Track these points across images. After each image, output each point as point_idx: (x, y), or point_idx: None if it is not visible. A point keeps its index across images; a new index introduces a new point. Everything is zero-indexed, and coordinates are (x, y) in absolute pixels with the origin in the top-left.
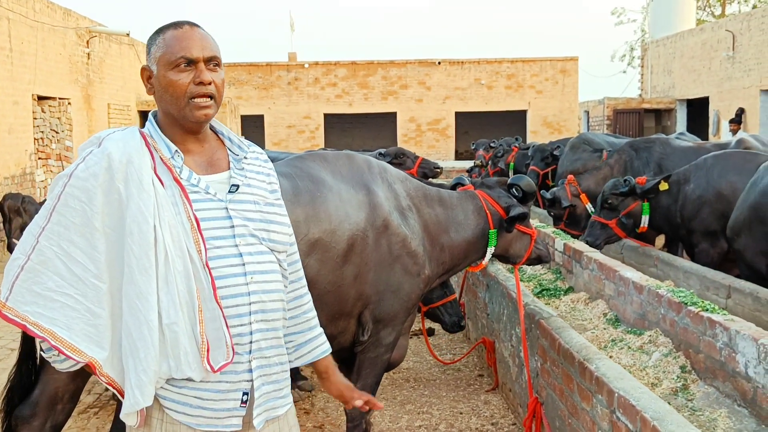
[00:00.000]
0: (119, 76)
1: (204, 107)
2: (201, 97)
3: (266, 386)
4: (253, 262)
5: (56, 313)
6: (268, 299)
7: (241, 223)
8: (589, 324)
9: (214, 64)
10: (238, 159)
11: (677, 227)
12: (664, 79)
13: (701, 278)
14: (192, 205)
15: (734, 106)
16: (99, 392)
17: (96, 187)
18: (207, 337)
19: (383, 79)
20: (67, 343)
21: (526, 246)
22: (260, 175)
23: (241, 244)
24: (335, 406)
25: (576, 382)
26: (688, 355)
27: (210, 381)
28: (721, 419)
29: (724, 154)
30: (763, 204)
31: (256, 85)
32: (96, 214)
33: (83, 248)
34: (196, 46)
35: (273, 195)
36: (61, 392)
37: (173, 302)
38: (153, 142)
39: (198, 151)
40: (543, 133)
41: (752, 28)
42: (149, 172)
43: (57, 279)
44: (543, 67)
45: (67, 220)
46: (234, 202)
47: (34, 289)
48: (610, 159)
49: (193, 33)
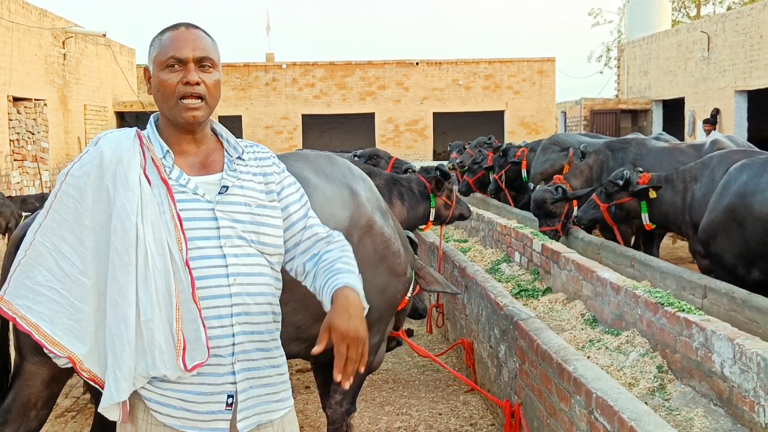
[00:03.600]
0: (96, 77)
1: (192, 108)
2: (189, 97)
3: (255, 389)
4: (237, 264)
5: (43, 306)
6: (253, 302)
7: (228, 224)
8: (567, 324)
9: (207, 65)
10: (231, 160)
11: (683, 224)
12: (640, 80)
13: (678, 278)
14: (176, 204)
15: (709, 107)
16: (76, 396)
17: (88, 184)
18: (184, 336)
19: (361, 80)
20: (49, 337)
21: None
22: (257, 176)
23: (225, 245)
24: (314, 408)
25: (554, 382)
26: (664, 355)
27: (192, 383)
28: (697, 419)
29: (729, 153)
30: (739, 205)
31: (234, 86)
32: (86, 212)
33: (72, 244)
34: (187, 47)
35: (268, 197)
36: (34, 399)
37: (150, 300)
38: (148, 143)
39: (193, 152)
40: (520, 133)
41: (727, 30)
42: (137, 171)
43: (46, 274)
44: (520, 68)
45: (60, 217)
46: (222, 203)
47: (26, 283)
48: (589, 159)
49: (188, 34)
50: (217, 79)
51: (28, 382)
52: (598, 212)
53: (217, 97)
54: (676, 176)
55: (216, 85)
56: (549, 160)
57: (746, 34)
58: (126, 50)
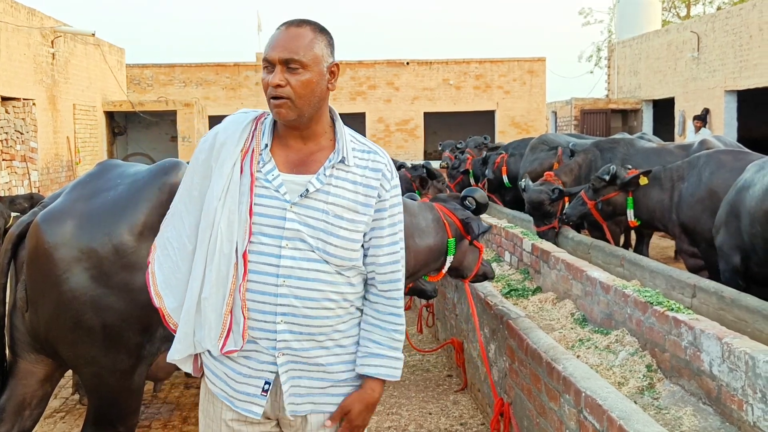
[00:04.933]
0: (85, 77)
1: (277, 107)
2: (273, 98)
3: (306, 380)
4: (291, 267)
5: (165, 258)
6: (302, 305)
7: (296, 227)
8: (557, 324)
9: (294, 67)
10: (331, 164)
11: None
12: (630, 80)
13: (667, 278)
14: (254, 198)
15: (699, 107)
16: (66, 396)
17: (200, 161)
18: (231, 320)
19: (351, 80)
20: (156, 288)
21: (476, 259)
22: (356, 185)
23: (286, 246)
24: None
25: (544, 382)
26: (654, 354)
27: (236, 363)
28: (686, 417)
29: (716, 153)
30: (737, 200)
31: (224, 86)
32: (196, 185)
33: (184, 211)
34: (276, 49)
35: (361, 207)
36: (29, 398)
37: (211, 279)
38: (259, 132)
39: (297, 148)
40: (511, 133)
41: (716, 30)
42: (234, 158)
43: (172, 231)
44: (511, 68)
45: (184, 185)
46: (299, 205)
47: (162, 232)
48: (578, 158)
49: (284, 34)
50: (305, 79)
51: (23, 381)
52: (586, 208)
53: (309, 97)
54: (664, 174)
55: (304, 85)
56: (538, 159)
57: (736, 34)
58: (115, 50)
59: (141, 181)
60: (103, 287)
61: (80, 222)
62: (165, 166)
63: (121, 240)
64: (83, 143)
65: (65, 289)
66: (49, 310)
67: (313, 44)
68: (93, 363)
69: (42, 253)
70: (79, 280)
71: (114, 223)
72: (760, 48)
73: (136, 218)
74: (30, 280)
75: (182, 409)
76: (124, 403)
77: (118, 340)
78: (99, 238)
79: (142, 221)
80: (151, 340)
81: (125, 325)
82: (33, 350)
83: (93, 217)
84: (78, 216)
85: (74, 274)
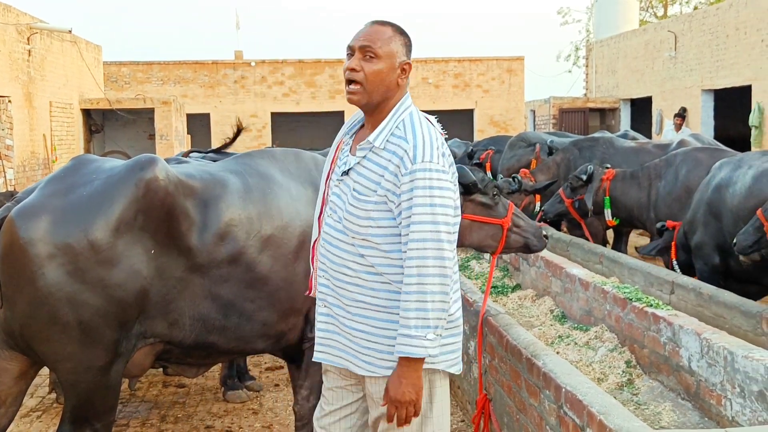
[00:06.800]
0: (61, 74)
1: (350, 93)
2: (348, 82)
3: (336, 335)
4: (326, 233)
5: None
6: (331, 267)
7: (334, 198)
8: (536, 321)
9: (369, 55)
10: (364, 146)
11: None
12: (608, 79)
13: (646, 275)
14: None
15: (677, 106)
16: (42, 395)
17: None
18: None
19: (331, 78)
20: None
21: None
22: (380, 167)
23: (329, 215)
24: (284, 406)
25: (524, 378)
26: (633, 350)
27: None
28: (665, 413)
29: (692, 151)
30: (716, 199)
31: (202, 84)
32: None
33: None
34: (358, 38)
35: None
36: (4, 395)
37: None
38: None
39: (363, 135)
40: (490, 132)
41: (693, 29)
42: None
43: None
44: (489, 67)
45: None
46: (342, 181)
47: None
48: (556, 156)
49: (367, 28)
50: (378, 68)
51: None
52: (563, 206)
53: (378, 84)
54: (642, 173)
55: (376, 74)
56: (515, 156)
57: (713, 34)
58: (92, 47)
59: (117, 177)
60: (79, 283)
61: (55, 217)
62: (141, 161)
63: (96, 236)
64: (60, 141)
65: (40, 285)
66: (24, 306)
67: (391, 41)
68: (69, 359)
69: (17, 248)
70: (55, 276)
71: (90, 218)
72: (736, 47)
73: (112, 214)
74: (4, 276)
75: (160, 408)
76: (101, 399)
77: (95, 336)
78: (74, 234)
79: (118, 217)
80: (128, 337)
81: (101, 321)
82: (7, 347)
83: (68, 212)
84: (53, 211)
85: (49, 270)
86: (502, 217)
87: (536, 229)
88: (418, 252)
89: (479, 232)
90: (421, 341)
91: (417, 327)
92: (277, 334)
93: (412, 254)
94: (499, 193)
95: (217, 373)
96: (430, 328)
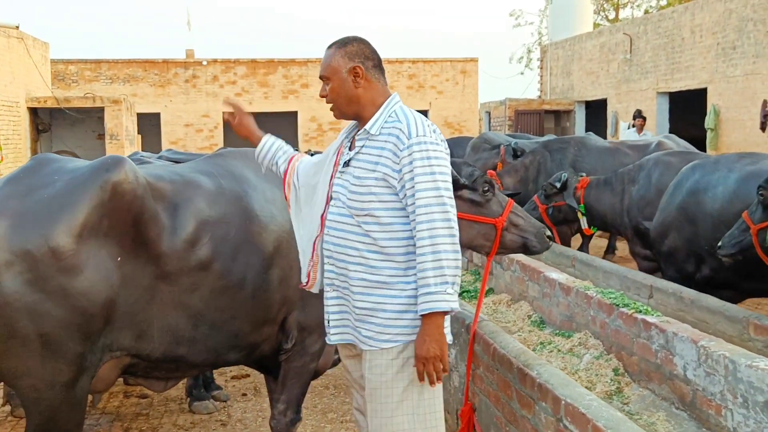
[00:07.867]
0: (8, 72)
1: (331, 110)
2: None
3: (346, 315)
4: (331, 220)
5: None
6: (337, 250)
7: (337, 189)
8: (514, 326)
9: (325, 80)
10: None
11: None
12: (563, 81)
13: (622, 278)
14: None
15: (632, 108)
16: None
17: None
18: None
19: (284, 78)
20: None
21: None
22: (379, 149)
23: (333, 205)
24: (253, 417)
25: (515, 388)
26: (620, 358)
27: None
28: (660, 422)
29: (665, 155)
30: (691, 203)
31: (152, 83)
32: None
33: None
34: (320, 69)
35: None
36: None
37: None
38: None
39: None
40: (444, 132)
41: (649, 32)
42: (336, 145)
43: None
44: (444, 68)
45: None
46: (341, 173)
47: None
48: (525, 158)
49: (324, 56)
50: (332, 87)
51: None
52: (537, 213)
53: (341, 99)
54: (615, 179)
55: (334, 93)
56: (481, 159)
57: (668, 37)
58: (39, 44)
59: (81, 178)
60: (39, 292)
61: (13, 221)
62: (107, 162)
63: (58, 241)
64: (6, 140)
65: None
66: None
67: (332, 59)
68: (29, 375)
69: None
70: (12, 285)
71: (51, 223)
72: (691, 50)
73: (75, 218)
74: None
75: (123, 420)
76: (66, 418)
77: (57, 349)
78: (34, 240)
79: (82, 221)
80: (93, 350)
81: (64, 334)
82: None
83: (27, 216)
84: (10, 215)
85: (6, 279)
86: (495, 216)
87: (538, 229)
88: (426, 216)
89: (468, 231)
90: (442, 296)
91: (437, 284)
92: (250, 345)
93: (422, 218)
94: (491, 189)
95: (182, 382)
96: (448, 283)
